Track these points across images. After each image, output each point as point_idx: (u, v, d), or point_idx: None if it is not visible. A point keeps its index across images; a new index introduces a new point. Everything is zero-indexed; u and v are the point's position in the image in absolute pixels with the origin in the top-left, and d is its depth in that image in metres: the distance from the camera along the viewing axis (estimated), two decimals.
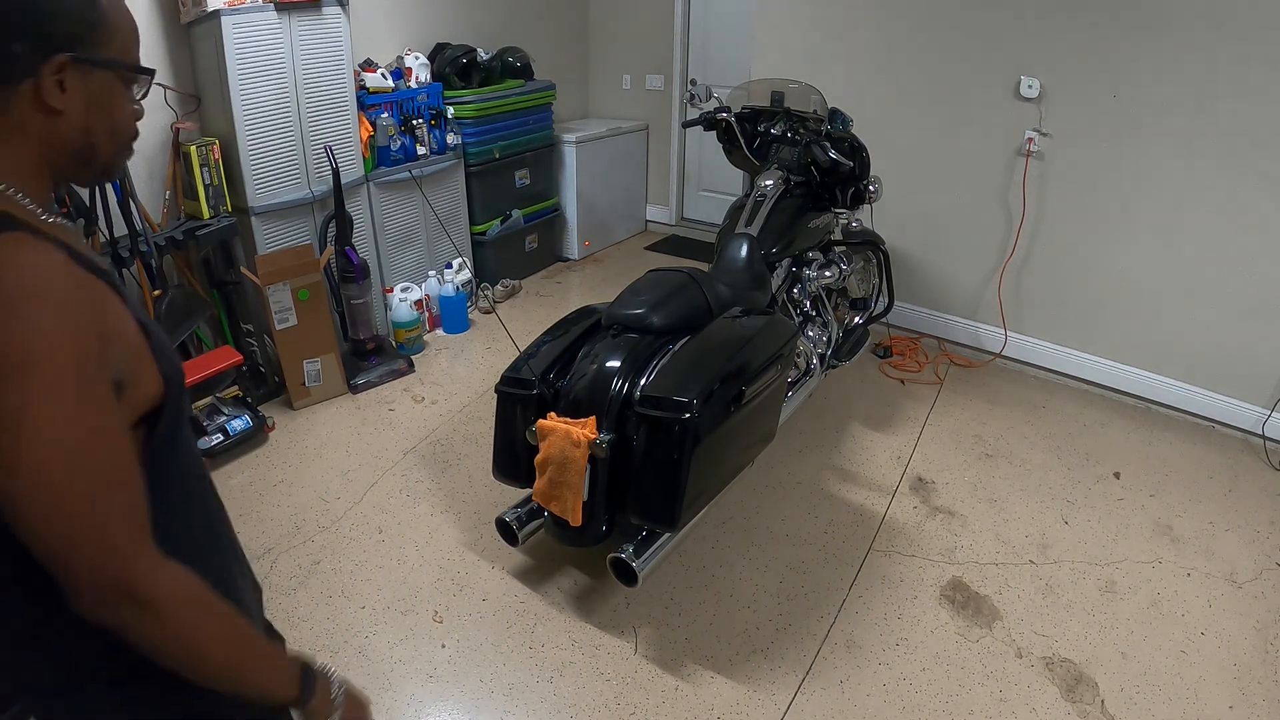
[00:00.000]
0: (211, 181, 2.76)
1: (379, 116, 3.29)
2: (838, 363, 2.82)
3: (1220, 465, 2.70)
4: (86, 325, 0.66)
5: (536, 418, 1.92)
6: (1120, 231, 2.95)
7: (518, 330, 2.65)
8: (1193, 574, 2.19)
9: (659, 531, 1.88)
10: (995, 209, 3.22)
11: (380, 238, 3.43)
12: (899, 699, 1.81)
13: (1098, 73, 2.82)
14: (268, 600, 2.10)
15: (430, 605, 2.07)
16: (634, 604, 2.07)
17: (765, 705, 1.79)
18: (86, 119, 0.73)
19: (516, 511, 2.05)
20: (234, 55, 2.67)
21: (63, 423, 0.64)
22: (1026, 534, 2.34)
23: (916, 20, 3.18)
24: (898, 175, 3.26)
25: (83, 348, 0.65)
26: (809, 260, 2.67)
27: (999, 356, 3.37)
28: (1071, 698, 1.81)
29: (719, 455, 1.88)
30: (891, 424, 2.92)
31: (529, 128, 4.03)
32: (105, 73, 0.73)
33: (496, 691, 1.83)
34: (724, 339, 2.02)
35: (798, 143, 2.69)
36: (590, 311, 2.24)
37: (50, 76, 0.69)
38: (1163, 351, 2.98)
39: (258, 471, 2.62)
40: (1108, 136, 2.87)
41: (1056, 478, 2.61)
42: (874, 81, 3.35)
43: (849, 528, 2.36)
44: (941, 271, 3.46)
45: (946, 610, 2.06)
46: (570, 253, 4.58)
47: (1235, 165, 2.64)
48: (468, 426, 2.87)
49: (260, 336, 3.06)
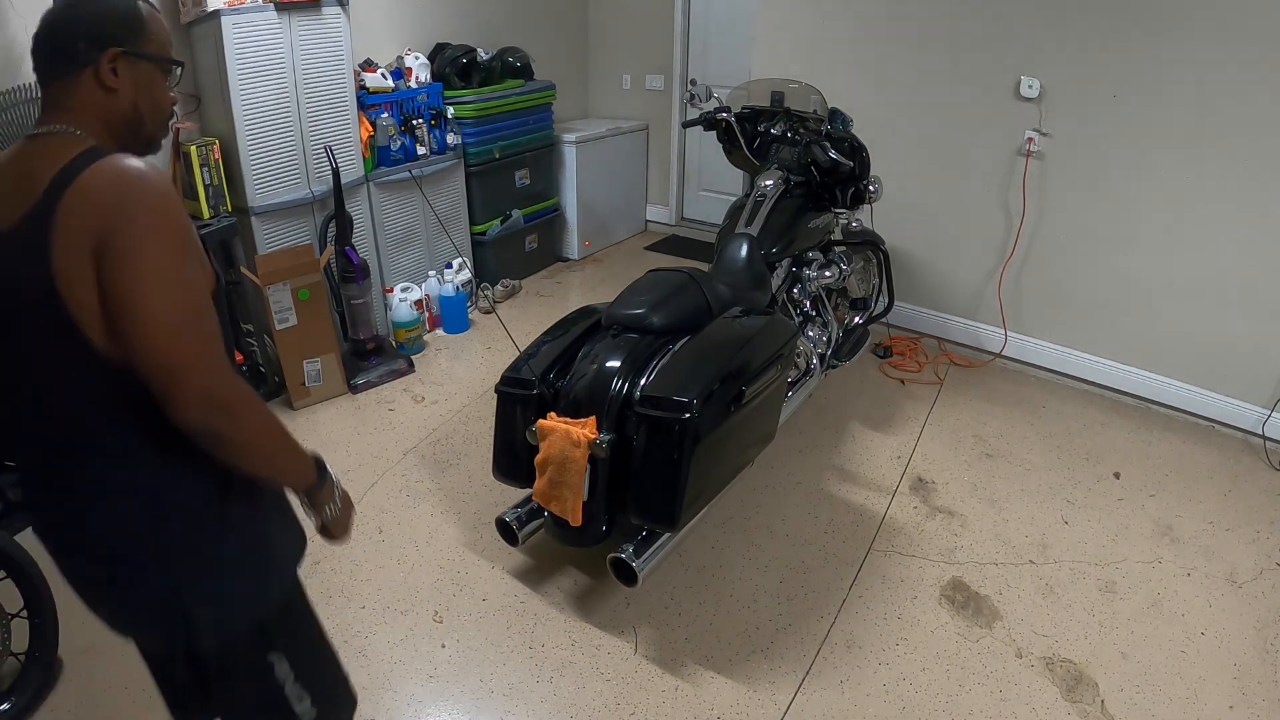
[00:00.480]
0: (211, 181, 2.76)
1: (379, 116, 3.29)
2: (838, 363, 2.82)
3: (1220, 465, 2.70)
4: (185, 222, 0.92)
5: (536, 418, 1.92)
6: (1120, 231, 2.95)
7: (518, 330, 2.65)
8: (1193, 574, 2.19)
9: (659, 531, 1.88)
10: (995, 209, 3.22)
11: (380, 238, 3.43)
12: (899, 699, 1.81)
13: (1098, 73, 2.82)
14: None
15: (430, 605, 2.07)
16: (634, 604, 2.07)
17: (765, 705, 1.79)
18: (135, 96, 0.99)
19: (516, 511, 2.05)
20: (234, 55, 2.67)
21: (179, 276, 0.88)
22: (1026, 534, 2.34)
23: (916, 20, 3.18)
24: (898, 175, 3.26)
25: (188, 227, 0.92)
26: (809, 260, 2.67)
27: (999, 356, 3.37)
28: (1071, 698, 1.81)
29: (719, 455, 1.88)
30: (891, 424, 2.92)
31: (529, 128, 4.03)
32: (147, 63, 1.00)
33: (496, 691, 1.83)
34: (724, 339, 2.02)
35: (798, 143, 2.69)
36: (590, 311, 2.24)
37: (106, 64, 0.95)
38: (1163, 351, 2.98)
39: None
40: (1108, 136, 2.87)
41: (1056, 478, 2.61)
42: (874, 81, 3.35)
43: (849, 528, 2.36)
44: (941, 271, 3.46)
45: (946, 610, 2.06)
46: (570, 253, 4.58)
47: (1235, 165, 2.64)
48: (468, 426, 2.87)
49: (260, 336, 3.06)
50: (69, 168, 0.88)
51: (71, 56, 0.95)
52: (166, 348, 0.86)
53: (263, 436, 0.97)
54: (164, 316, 0.86)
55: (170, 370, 0.86)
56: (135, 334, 0.86)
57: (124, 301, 0.86)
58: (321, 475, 1.08)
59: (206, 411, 0.88)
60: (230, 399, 0.91)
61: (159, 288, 0.86)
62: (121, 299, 0.86)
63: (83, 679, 1.84)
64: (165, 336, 0.86)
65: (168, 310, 0.87)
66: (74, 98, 0.96)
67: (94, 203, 0.86)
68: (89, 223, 0.86)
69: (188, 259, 0.90)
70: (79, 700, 1.79)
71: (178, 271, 0.88)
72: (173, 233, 0.89)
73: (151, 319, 0.86)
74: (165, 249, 0.88)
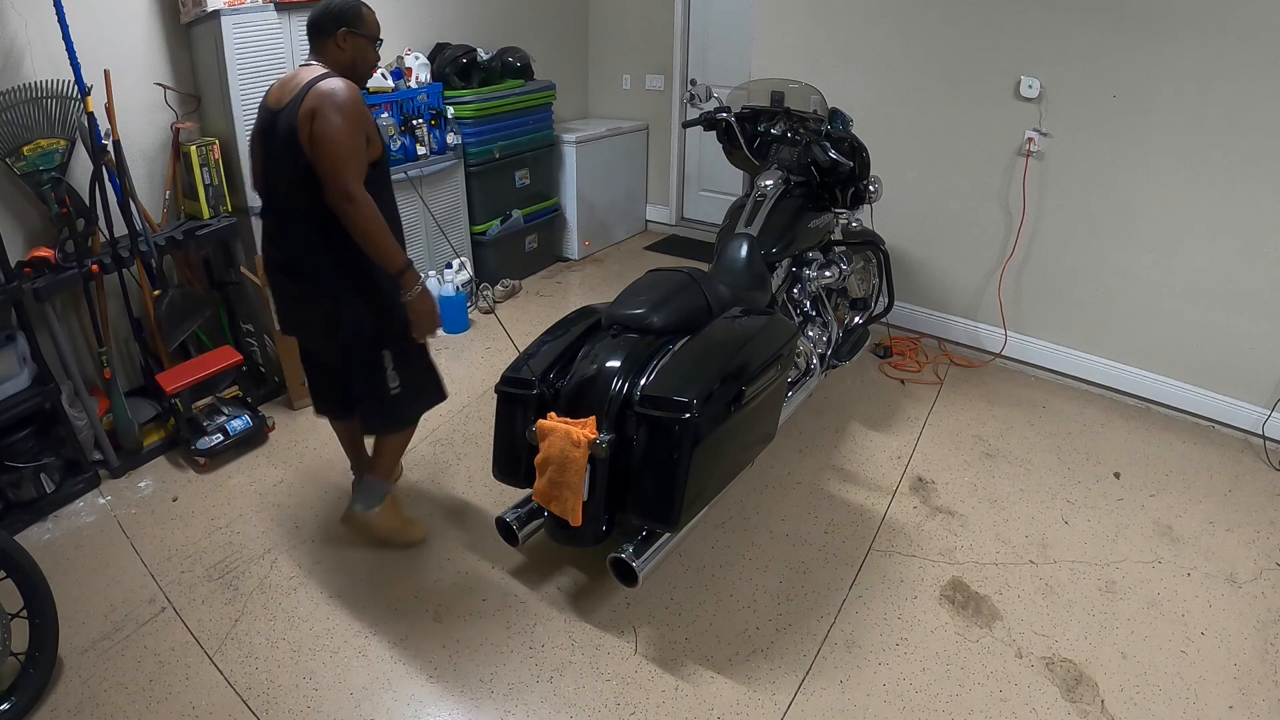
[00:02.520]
0: (211, 181, 2.76)
1: (379, 116, 3.29)
2: (838, 363, 2.82)
3: (1220, 465, 2.70)
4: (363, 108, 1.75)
5: (536, 418, 1.92)
6: (1120, 231, 2.95)
7: (518, 330, 2.65)
8: (1193, 574, 2.19)
9: (659, 531, 1.88)
10: (995, 209, 3.22)
11: None
12: (899, 699, 1.81)
13: (1098, 73, 2.82)
14: (268, 600, 2.12)
15: (430, 605, 2.07)
16: (634, 604, 2.07)
17: (765, 705, 1.79)
18: (354, 55, 1.86)
19: (516, 511, 2.05)
20: (234, 55, 2.67)
21: (343, 133, 1.69)
22: (1026, 534, 2.34)
23: (916, 20, 3.18)
24: (898, 175, 3.26)
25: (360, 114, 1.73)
26: (809, 260, 2.67)
27: (999, 356, 3.37)
28: (1071, 698, 1.80)
29: (719, 455, 1.88)
30: (891, 424, 2.92)
31: (529, 128, 4.03)
32: (362, 38, 1.86)
33: (496, 691, 1.83)
34: (724, 339, 2.02)
35: (798, 143, 2.69)
36: (590, 311, 2.24)
37: (340, 37, 1.82)
38: (1163, 351, 2.98)
39: (258, 471, 2.62)
40: (1108, 136, 2.87)
41: (1056, 478, 2.61)
42: (874, 81, 3.35)
43: (849, 528, 2.36)
44: (941, 271, 3.46)
45: (946, 610, 2.06)
46: (570, 253, 4.58)
47: (1235, 164, 2.64)
48: (468, 426, 2.87)
49: (260, 336, 3.06)
50: (312, 81, 1.75)
51: (326, 31, 1.83)
52: (329, 163, 1.70)
53: (370, 226, 1.73)
54: (331, 148, 1.69)
55: (328, 174, 1.71)
56: (318, 153, 1.71)
57: (318, 137, 1.70)
58: (409, 264, 1.83)
59: (340, 201, 1.71)
60: (354, 198, 1.70)
61: (332, 135, 1.69)
62: (317, 136, 1.70)
63: (83, 679, 1.84)
64: (329, 158, 1.70)
65: (333, 146, 1.69)
66: (325, 53, 1.84)
67: (316, 94, 1.72)
68: (311, 103, 1.71)
69: (353, 128, 1.71)
70: (79, 700, 1.79)
71: (343, 131, 1.70)
72: (346, 113, 1.70)
73: (326, 147, 1.69)
74: (340, 119, 1.70)
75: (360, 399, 2.06)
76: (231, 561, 2.22)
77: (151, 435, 2.71)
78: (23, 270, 2.34)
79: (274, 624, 2.01)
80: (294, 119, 1.71)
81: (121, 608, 2.06)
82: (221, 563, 2.21)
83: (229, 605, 2.06)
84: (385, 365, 1.97)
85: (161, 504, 2.47)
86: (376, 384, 1.99)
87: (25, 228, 2.48)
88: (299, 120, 1.71)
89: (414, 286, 1.83)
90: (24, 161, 2.33)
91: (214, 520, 2.39)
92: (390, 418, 2.10)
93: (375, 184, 1.80)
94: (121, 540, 2.31)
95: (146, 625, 2.00)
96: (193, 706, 1.78)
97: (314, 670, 1.88)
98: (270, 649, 1.93)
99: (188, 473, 2.62)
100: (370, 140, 1.77)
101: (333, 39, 1.81)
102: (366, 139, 1.75)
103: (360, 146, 1.73)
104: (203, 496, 2.50)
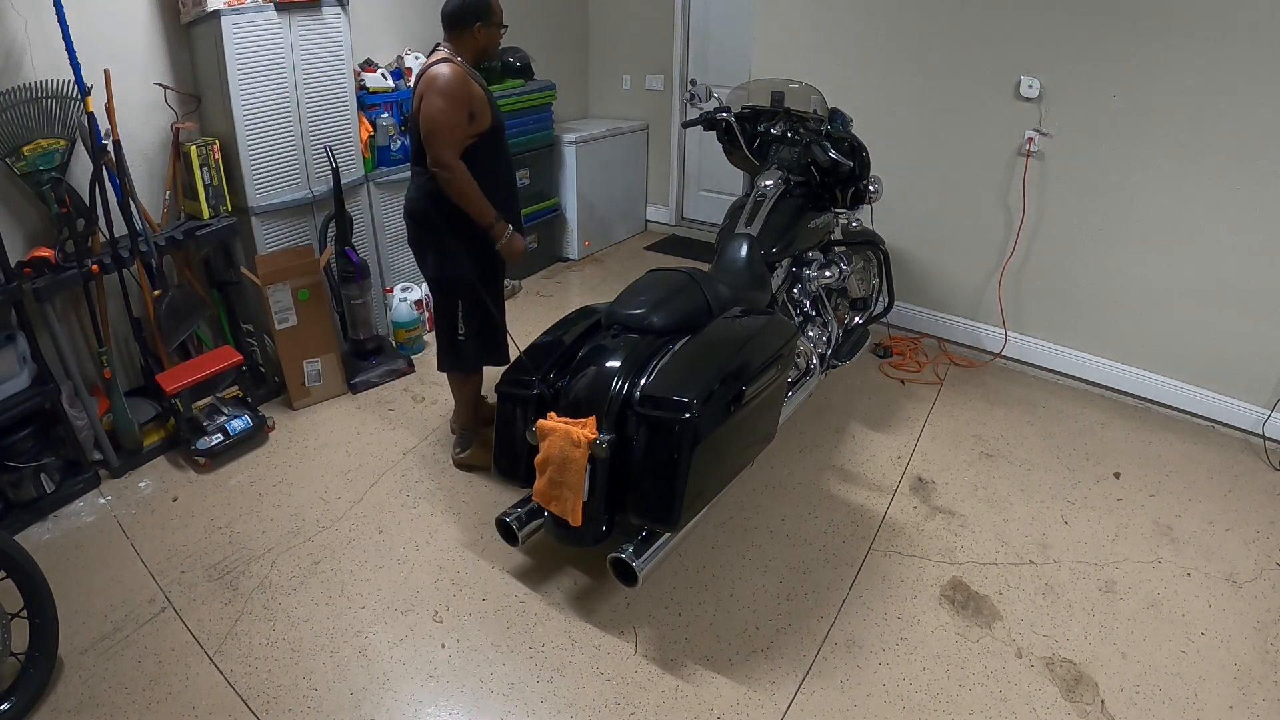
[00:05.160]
0: (211, 181, 2.76)
1: (379, 116, 3.29)
2: (838, 363, 2.82)
3: (1220, 465, 2.70)
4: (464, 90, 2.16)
5: (536, 417, 1.92)
6: (1120, 231, 2.95)
7: (518, 330, 2.65)
8: (1193, 574, 2.19)
9: (659, 531, 1.88)
10: (995, 209, 3.22)
11: (380, 238, 3.43)
12: (899, 699, 1.81)
13: (1098, 73, 2.82)
14: (268, 600, 2.12)
15: (430, 605, 2.07)
16: (634, 604, 2.07)
17: (765, 705, 1.79)
18: (485, 43, 2.30)
19: (516, 511, 2.05)
20: (234, 55, 2.67)
21: (443, 110, 2.13)
22: (1026, 534, 2.34)
23: (916, 20, 3.18)
24: (898, 175, 3.25)
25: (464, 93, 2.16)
26: (809, 260, 2.67)
27: (999, 356, 3.37)
28: (1071, 698, 1.80)
29: (719, 455, 1.88)
30: (891, 424, 2.92)
31: (529, 128, 4.03)
32: (492, 28, 2.29)
33: (496, 691, 1.83)
34: (724, 339, 2.02)
35: (798, 143, 2.69)
36: (590, 311, 2.24)
37: (475, 29, 2.26)
38: (1163, 351, 2.98)
39: (258, 471, 2.62)
40: (1108, 136, 2.87)
41: (1056, 478, 2.61)
42: (874, 81, 3.35)
43: (849, 528, 2.36)
44: (941, 271, 3.46)
45: (946, 610, 2.06)
46: (570, 253, 4.58)
47: (1235, 164, 2.64)
48: None
49: (260, 336, 3.06)
50: (435, 63, 2.17)
51: (463, 25, 2.23)
52: (429, 134, 2.14)
53: (461, 187, 2.17)
54: (430, 125, 2.13)
55: (428, 146, 2.15)
56: (423, 128, 2.15)
57: (422, 115, 2.15)
58: (498, 220, 2.27)
59: (437, 165, 2.15)
60: (448, 165, 2.14)
61: (431, 114, 2.12)
62: (422, 114, 2.14)
63: (83, 679, 1.84)
64: (428, 133, 2.14)
65: (431, 124, 2.13)
66: (459, 41, 2.25)
67: (427, 78, 2.14)
68: (422, 87, 2.15)
69: (453, 105, 2.12)
70: (79, 700, 1.79)
71: (444, 108, 2.11)
72: (446, 95, 2.11)
73: (426, 124, 2.14)
74: (441, 100, 2.11)
75: (438, 335, 2.53)
76: (231, 561, 2.22)
77: (151, 435, 2.71)
78: (23, 270, 2.34)
79: (274, 624, 2.01)
80: (416, 94, 2.20)
81: (121, 608, 2.06)
82: (221, 563, 2.21)
83: (229, 605, 2.06)
84: (457, 313, 2.41)
85: (161, 504, 2.47)
86: (449, 326, 2.44)
87: (25, 228, 2.48)
88: (415, 99, 2.20)
89: (503, 236, 2.29)
90: (24, 161, 2.33)
91: (214, 520, 2.39)
92: (454, 359, 2.52)
93: (485, 150, 2.24)
94: (121, 540, 2.31)
95: (146, 625, 2.00)
96: (193, 706, 1.78)
97: (314, 670, 1.88)
98: (270, 649, 1.93)
99: (188, 473, 2.62)
100: (476, 115, 2.18)
101: (470, 31, 2.23)
102: (471, 115, 2.17)
103: (457, 121, 2.13)
104: (203, 496, 2.50)
